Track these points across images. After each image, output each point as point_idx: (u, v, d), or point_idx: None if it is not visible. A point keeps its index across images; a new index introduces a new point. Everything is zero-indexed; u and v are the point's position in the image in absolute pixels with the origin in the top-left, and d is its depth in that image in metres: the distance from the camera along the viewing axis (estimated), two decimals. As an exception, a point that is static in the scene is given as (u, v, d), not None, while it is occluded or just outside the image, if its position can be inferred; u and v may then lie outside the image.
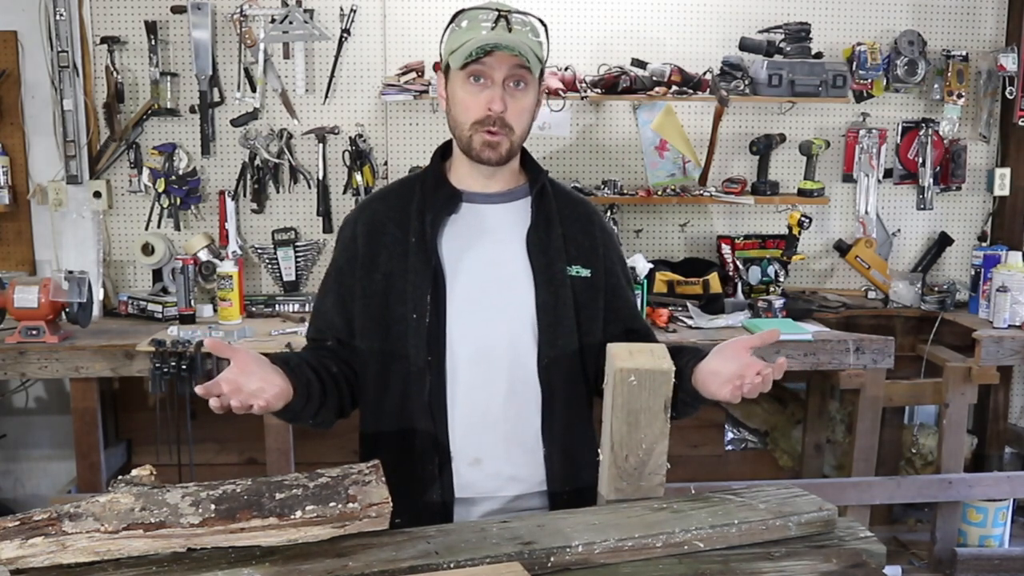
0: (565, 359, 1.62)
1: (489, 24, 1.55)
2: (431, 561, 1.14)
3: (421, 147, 3.57)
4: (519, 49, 1.52)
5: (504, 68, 1.54)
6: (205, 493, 1.17)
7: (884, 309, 3.68)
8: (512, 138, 1.59)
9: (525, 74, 1.56)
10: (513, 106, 1.57)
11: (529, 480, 1.63)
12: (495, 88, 1.55)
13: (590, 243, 1.70)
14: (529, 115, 1.62)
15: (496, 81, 1.55)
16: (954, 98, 3.69)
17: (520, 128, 1.60)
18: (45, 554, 1.12)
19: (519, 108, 1.58)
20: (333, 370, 1.63)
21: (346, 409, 1.69)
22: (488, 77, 1.55)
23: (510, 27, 1.55)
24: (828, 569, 1.19)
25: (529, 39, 1.57)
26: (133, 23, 3.45)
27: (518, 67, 1.55)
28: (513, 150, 1.61)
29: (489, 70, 1.55)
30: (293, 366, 1.55)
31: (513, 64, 1.54)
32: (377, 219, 1.67)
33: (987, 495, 3.45)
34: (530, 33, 1.59)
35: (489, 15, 1.57)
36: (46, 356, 2.99)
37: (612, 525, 1.25)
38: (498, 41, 1.51)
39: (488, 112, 1.55)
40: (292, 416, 1.57)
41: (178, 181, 3.49)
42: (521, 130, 1.61)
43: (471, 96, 1.57)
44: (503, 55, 1.53)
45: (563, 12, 3.53)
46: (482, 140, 1.58)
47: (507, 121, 1.57)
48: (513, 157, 1.64)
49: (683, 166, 3.68)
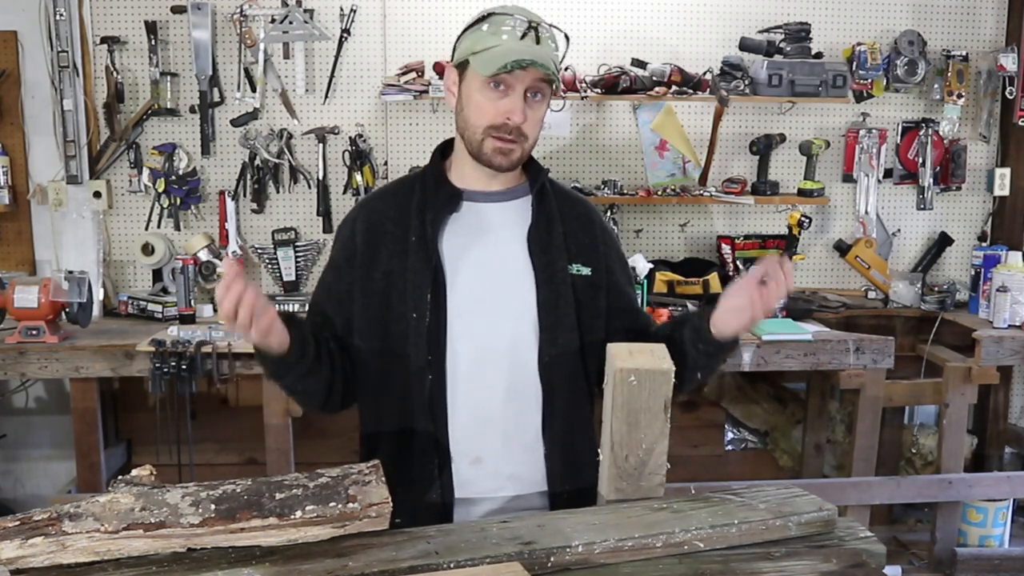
0: (566, 358, 1.62)
1: (518, 34, 1.55)
2: (431, 561, 1.14)
3: (421, 147, 3.57)
4: (548, 66, 1.52)
5: (528, 80, 1.54)
6: (205, 493, 1.17)
7: (884, 309, 3.68)
8: (524, 146, 1.60)
9: (545, 87, 1.57)
10: (531, 117, 1.58)
11: (529, 480, 1.63)
12: (516, 99, 1.55)
13: (590, 242, 1.70)
14: (541, 124, 1.63)
15: (517, 92, 1.55)
16: (954, 98, 3.69)
17: (533, 136, 1.61)
18: (45, 554, 1.12)
19: (535, 119, 1.59)
20: (331, 346, 1.63)
21: (334, 395, 1.66)
22: (510, 86, 1.55)
23: (539, 39, 1.56)
24: (828, 569, 1.19)
25: (554, 55, 1.59)
26: (133, 23, 3.45)
27: (541, 80, 1.55)
28: (524, 157, 1.62)
29: (513, 80, 1.54)
30: (296, 321, 1.56)
31: (537, 78, 1.55)
32: (377, 218, 1.67)
33: (987, 495, 3.45)
34: (553, 45, 1.60)
35: (518, 24, 1.56)
36: (46, 356, 2.99)
37: (612, 525, 1.25)
38: (533, 58, 1.51)
39: (506, 121, 1.55)
40: (283, 369, 1.56)
41: (178, 181, 3.49)
42: (533, 138, 1.61)
43: (489, 102, 1.56)
44: (531, 68, 1.53)
45: (563, 12, 3.52)
46: (494, 146, 1.57)
47: (523, 131, 1.58)
48: (522, 163, 1.64)
49: (683, 166, 3.68)
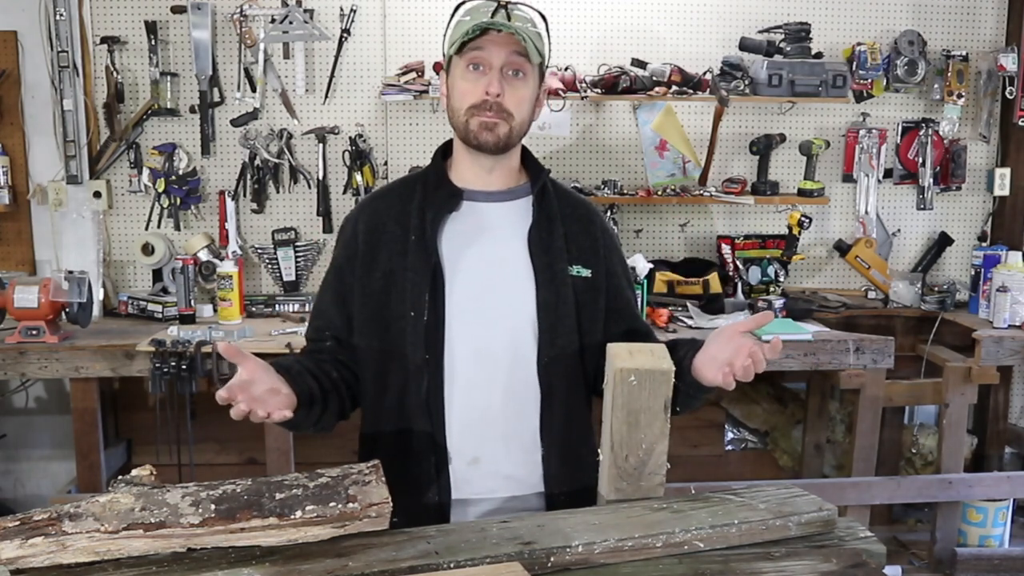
0: (565, 359, 1.62)
1: (488, 12, 1.55)
2: (431, 561, 1.14)
3: (421, 147, 3.57)
4: (516, 31, 1.51)
5: (503, 54, 1.54)
6: (205, 493, 1.17)
7: (884, 309, 3.68)
8: (512, 123, 1.58)
9: (523, 63, 1.56)
10: (511, 93, 1.56)
11: (527, 480, 1.63)
12: (493, 73, 1.55)
13: (591, 243, 1.69)
14: (528, 106, 1.60)
15: (494, 67, 1.55)
16: (954, 98, 3.69)
17: (520, 115, 1.58)
18: (45, 554, 1.12)
19: (517, 96, 1.57)
20: (333, 375, 1.62)
21: (346, 412, 1.68)
22: (486, 64, 1.55)
23: (509, 16, 1.55)
24: (828, 569, 1.19)
25: (528, 29, 1.57)
26: (133, 23, 3.45)
27: (517, 54, 1.54)
28: (512, 136, 1.59)
29: (487, 56, 1.55)
30: (295, 374, 1.54)
31: (511, 50, 1.54)
32: (377, 217, 1.67)
33: (987, 495, 3.45)
34: (530, 24, 1.58)
35: (489, 5, 1.57)
36: (46, 356, 2.99)
37: (612, 525, 1.25)
38: (500, 26, 1.51)
39: (485, 96, 1.55)
40: (293, 426, 1.56)
41: (178, 181, 3.49)
42: (521, 118, 1.59)
43: (469, 83, 1.57)
44: (501, 39, 1.52)
45: (563, 12, 3.53)
46: (479, 122, 1.57)
47: (505, 106, 1.56)
48: (513, 146, 1.62)
49: (683, 166, 3.68)
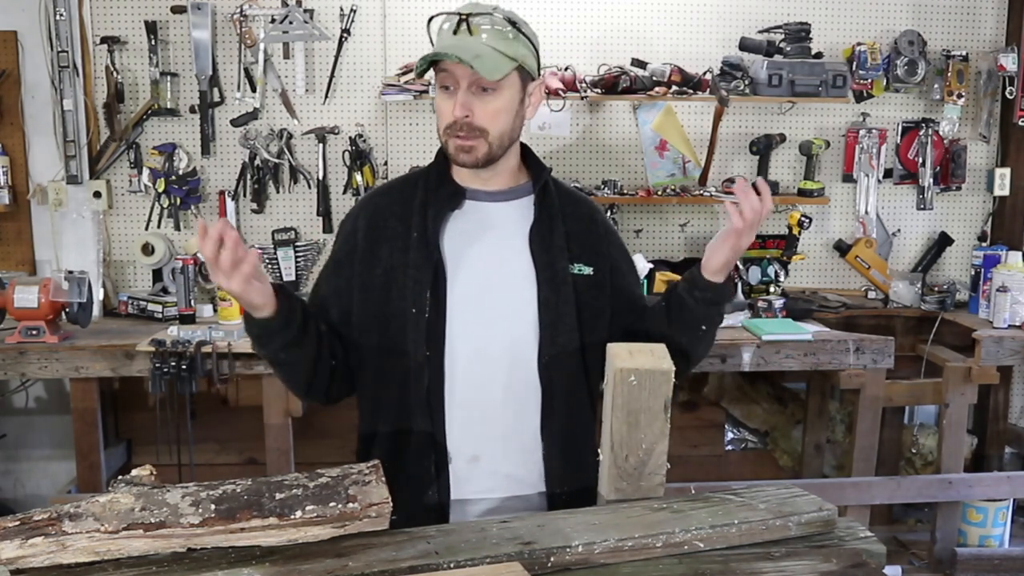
0: (566, 358, 1.62)
1: (450, 29, 1.54)
2: (431, 561, 1.14)
3: (421, 147, 3.57)
4: (463, 57, 1.48)
5: (467, 72, 1.51)
6: (205, 493, 1.17)
7: (884, 309, 3.68)
8: (488, 139, 1.56)
9: (484, 79, 1.52)
10: (481, 109, 1.54)
11: (527, 480, 1.63)
12: (460, 93, 1.54)
13: (593, 241, 1.70)
14: (507, 115, 1.57)
15: (462, 87, 1.53)
16: (954, 98, 3.69)
17: (497, 129, 1.57)
18: (45, 554, 1.12)
19: (488, 111, 1.55)
20: (322, 328, 1.61)
21: (320, 377, 1.63)
22: (454, 83, 1.54)
23: (471, 29, 1.53)
24: (828, 569, 1.19)
25: (493, 40, 1.53)
26: (133, 23, 3.45)
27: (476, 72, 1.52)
28: (492, 152, 1.58)
29: (453, 76, 1.54)
30: (286, 290, 1.54)
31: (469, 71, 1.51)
32: (379, 213, 1.67)
33: (987, 495, 3.45)
34: (495, 34, 1.54)
35: (451, 20, 1.55)
36: (46, 356, 2.99)
37: (612, 525, 1.25)
38: (447, 50, 1.49)
39: (454, 119, 1.55)
40: (267, 333, 1.54)
41: (178, 181, 3.49)
42: (498, 131, 1.57)
43: (443, 102, 1.57)
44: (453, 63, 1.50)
45: (562, 12, 3.53)
46: (455, 145, 1.57)
47: (476, 125, 1.55)
48: (496, 159, 1.61)
49: (683, 166, 3.68)
